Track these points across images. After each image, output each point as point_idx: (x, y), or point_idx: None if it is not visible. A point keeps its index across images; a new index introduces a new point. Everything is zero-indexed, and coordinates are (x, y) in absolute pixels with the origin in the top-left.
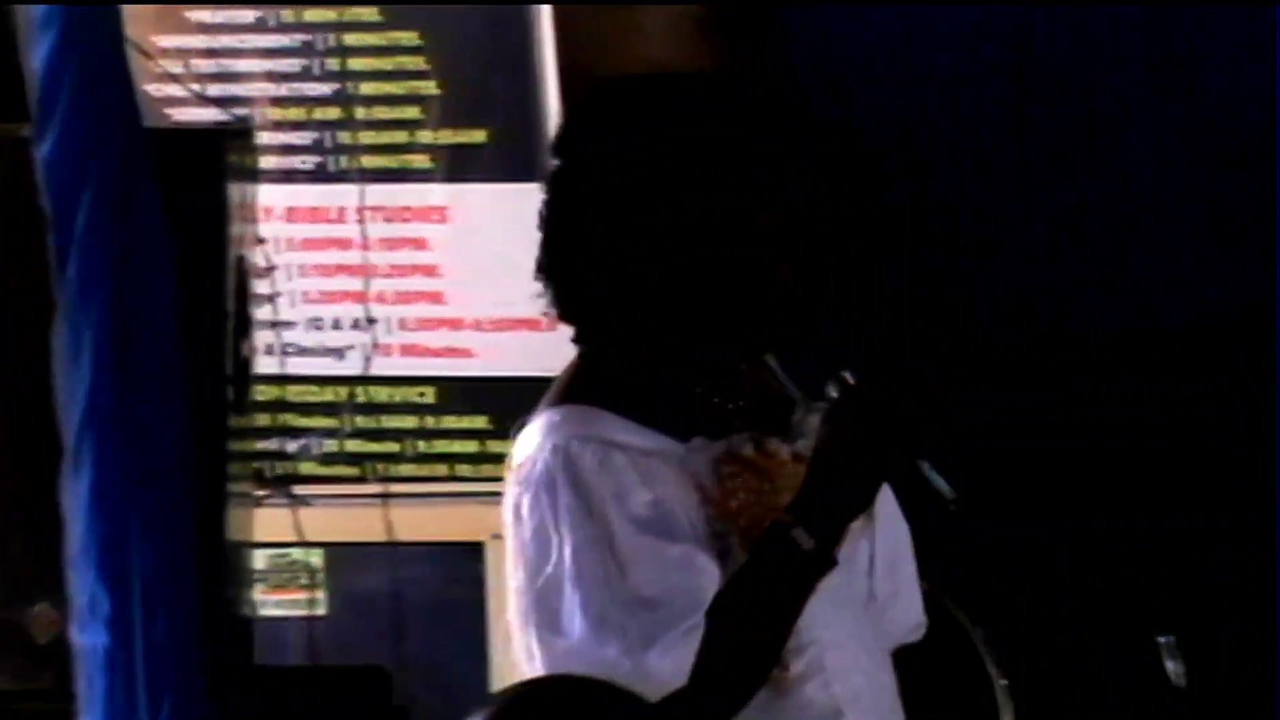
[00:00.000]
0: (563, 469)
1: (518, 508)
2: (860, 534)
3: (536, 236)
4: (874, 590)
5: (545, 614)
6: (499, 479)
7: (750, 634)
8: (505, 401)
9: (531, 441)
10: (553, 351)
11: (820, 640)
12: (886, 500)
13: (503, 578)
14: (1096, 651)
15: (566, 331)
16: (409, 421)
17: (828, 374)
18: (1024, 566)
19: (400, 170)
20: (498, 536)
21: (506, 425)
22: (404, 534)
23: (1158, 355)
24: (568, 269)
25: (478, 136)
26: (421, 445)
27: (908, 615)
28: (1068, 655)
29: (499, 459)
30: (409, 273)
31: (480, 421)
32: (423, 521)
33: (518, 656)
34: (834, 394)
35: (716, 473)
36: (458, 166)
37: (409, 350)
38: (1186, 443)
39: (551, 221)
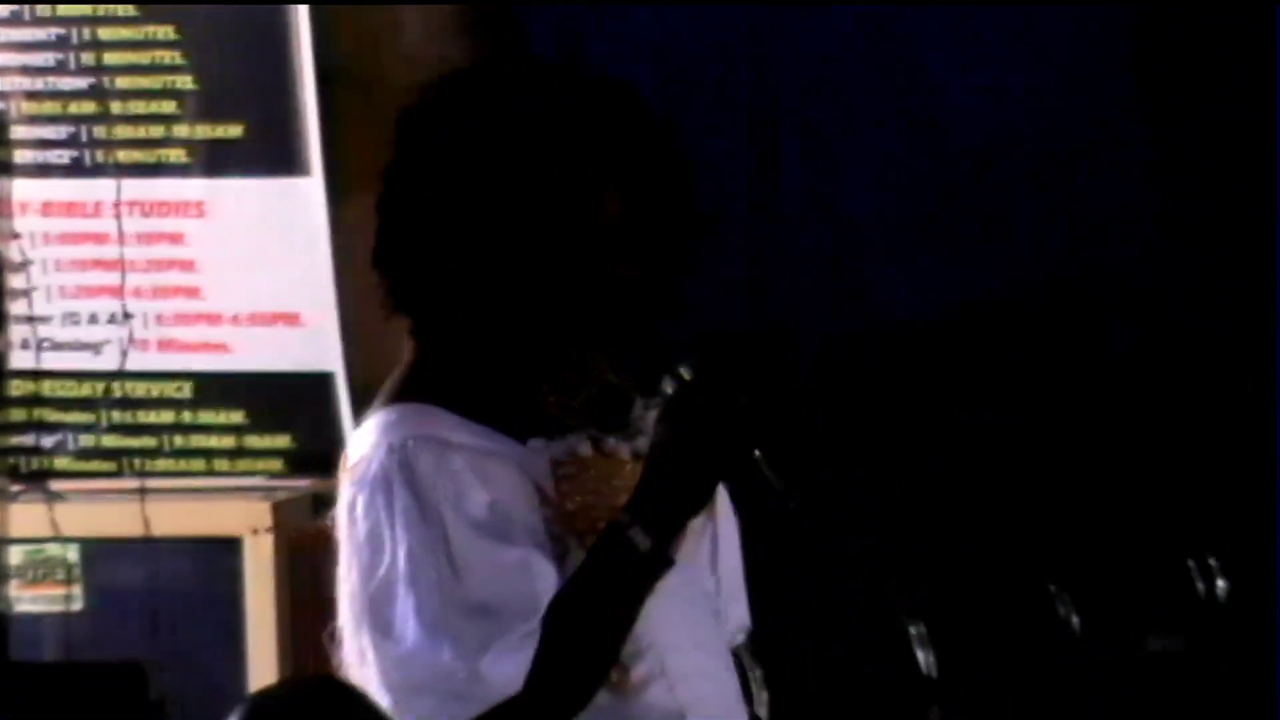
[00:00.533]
0: (398, 469)
1: (352, 508)
2: (701, 533)
3: (293, 230)
4: (717, 589)
5: (378, 618)
6: (256, 474)
7: (587, 637)
8: (263, 396)
9: (367, 440)
10: (310, 345)
11: (661, 644)
12: (720, 498)
13: (259, 572)
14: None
15: (323, 324)
16: (166, 416)
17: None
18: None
19: (157, 165)
20: (256, 532)
21: (264, 420)
22: (161, 529)
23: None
24: (405, 259)
25: (234, 131)
26: (178, 440)
27: (739, 615)
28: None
29: (257, 454)
30: (165, 267)
31: (237, 416)
32: (180, 517)
33: (349, 659)
34: (669, 390)
35: (554, 474)
36: (214, 161)
37: (166, 345)
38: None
39: (389, 211)
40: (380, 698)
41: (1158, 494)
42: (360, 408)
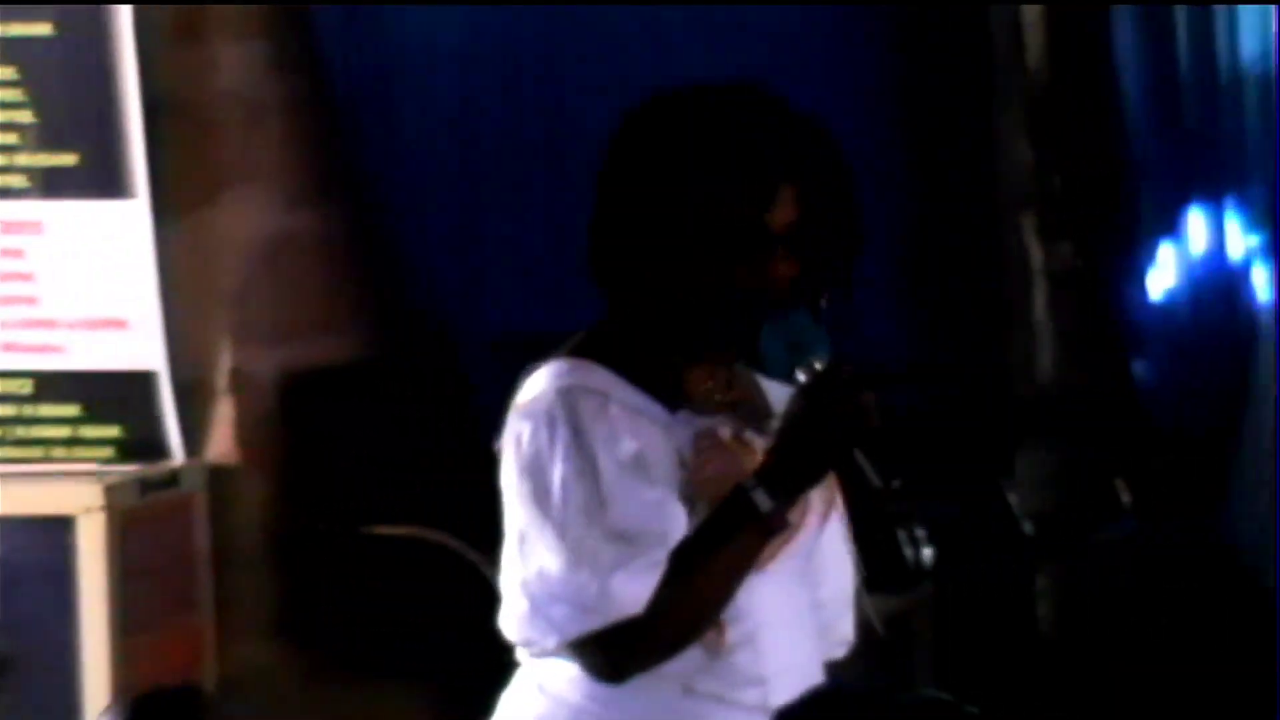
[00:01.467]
0: (563, 409)
1: (519, 437)
2: (813, 538)
3: (121, 246)
4: (822, 598)
5: (530, 533)
6: (90, 460)
7: (704, 577)
8: (95, 392)
9: (539, 384)
10: (136, 347)
11: (757, 616)
12: (835, 538)
13: (92, 547)
14: None
15: (148, 328)
16: (8, 410)
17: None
18: None
19: (1, 189)
20: (89, 510)
21: (96, 412)
22: (4, 509)
23: None
24: (605, 243)
25: (69, 159)
26: (20, 431)
27: (844, 629)
28: None
29: (90, 443)
30: (7, 279)
31: (73, 410)
32: (21, 498)
33: (507, 564)
34: (803, 378)
35: (696, 445)
36: (51, 185)
37: (9, 347)
38: None
39: (601, 204)
40: (518, 603)
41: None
42: (181, 401)
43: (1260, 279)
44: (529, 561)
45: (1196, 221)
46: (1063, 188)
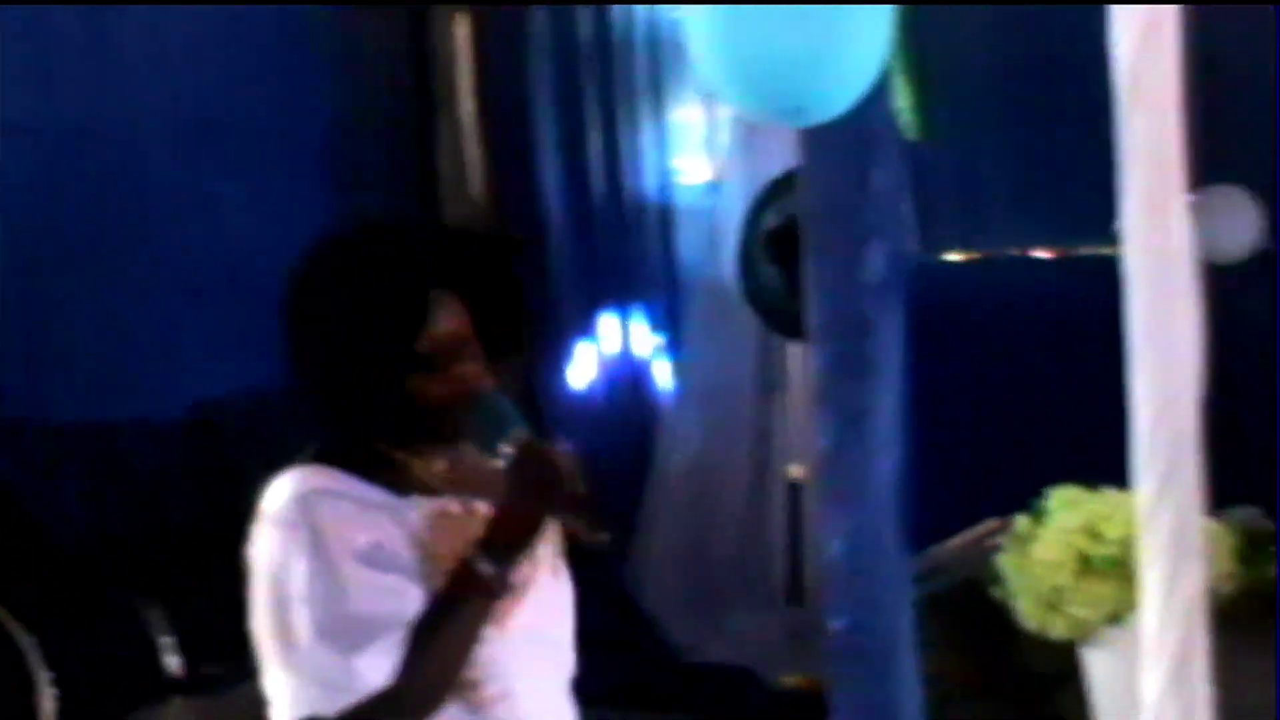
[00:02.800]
0: (301, 513)
1: (264, 542)
2: (548, 587)
3: None
4: (557, 638)
5: (281, 627)
6: None
7: (440, 645)
8: None
9: (281, 491)
10: None
11: (509, 670)
12: (564, 586)
13: None
14: None
15: None
16: None
17: None
18: None
19: None
20: None
21: None
22: None
23: None
24: (301, 374)
25: None
26: None
27: (571, 660)
28: None
29: None
30: None
31: None
32: None
33: (262, 658)
34: (510, 450)
35: (429, 524)
36: None
37: None
38: None
39: (291, 343)
40: (282, 692)
41: None
42: None
43: (661, 372)
44: (284, 652)
45: (609, 325)
46: None
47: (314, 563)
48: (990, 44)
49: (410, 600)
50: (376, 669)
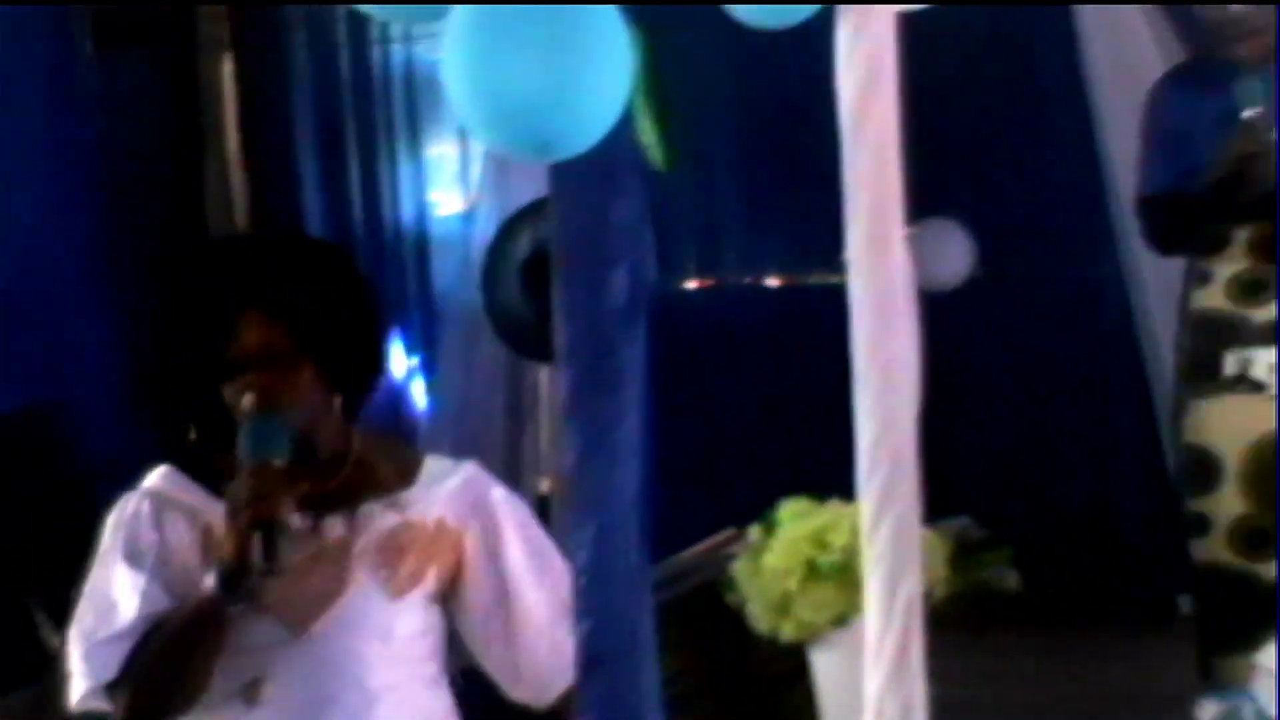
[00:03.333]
0: (121, 507)
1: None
2: (363, 606)
3: None
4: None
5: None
6: None
7: (174, 647)
8: None
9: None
10: None
11: (301, 674)
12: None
13: None
14: None
15: None
16: None
17: None
18: None
19: None
20: None
21: None
22: None
23: None
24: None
25: None
26: None
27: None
28: None
29: None
30: None
31: None
32: None
33: None
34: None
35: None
36: None
37: None
38: None
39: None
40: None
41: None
42: None
43: (417, 391)
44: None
45: None
46: None
47: (102, 555)
48: (727, 83)
49: (153, 603)
50: (99, 658)
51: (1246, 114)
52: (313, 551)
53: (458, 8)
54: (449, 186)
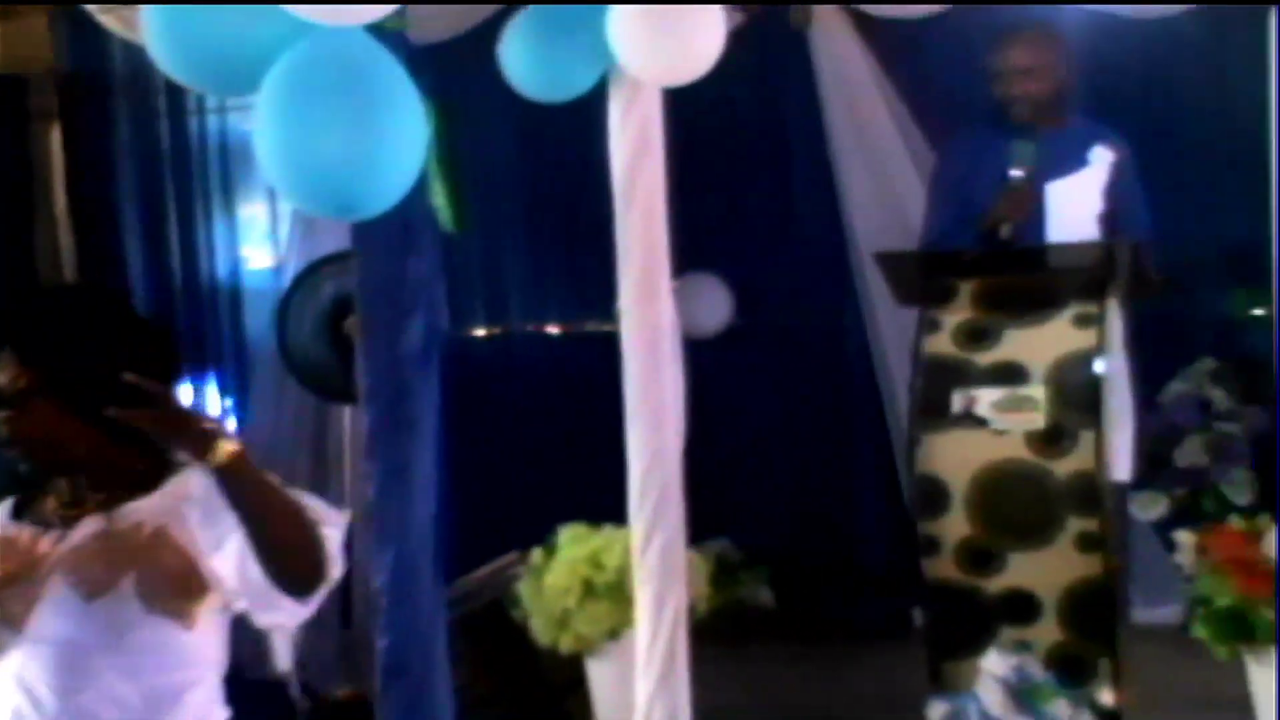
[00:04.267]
0: None
1: None
2: (62, 608)
3: None
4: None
5: None
6: None
7: None
8: None
9: None
10: None
11: (16, 669)
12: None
13: None
14: None
15: None
16: None
17: None
18: None
19: None
20: None
21: None
22: None
23: None
24: None
25: None
26: None
27: None
28: None
29: None
30: None
31: None
32: None
33: None
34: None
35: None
36: None
37: None
38: None
39: None
40: None
41: None
42: None
43: (231, 429)
44: None
45: (184, 391)
46: None
47: None
48: (512, 150)
49: None
50: None
51: (1014, 173)
52: (27, 560)
53: (267, 81)
54: (260, 243)
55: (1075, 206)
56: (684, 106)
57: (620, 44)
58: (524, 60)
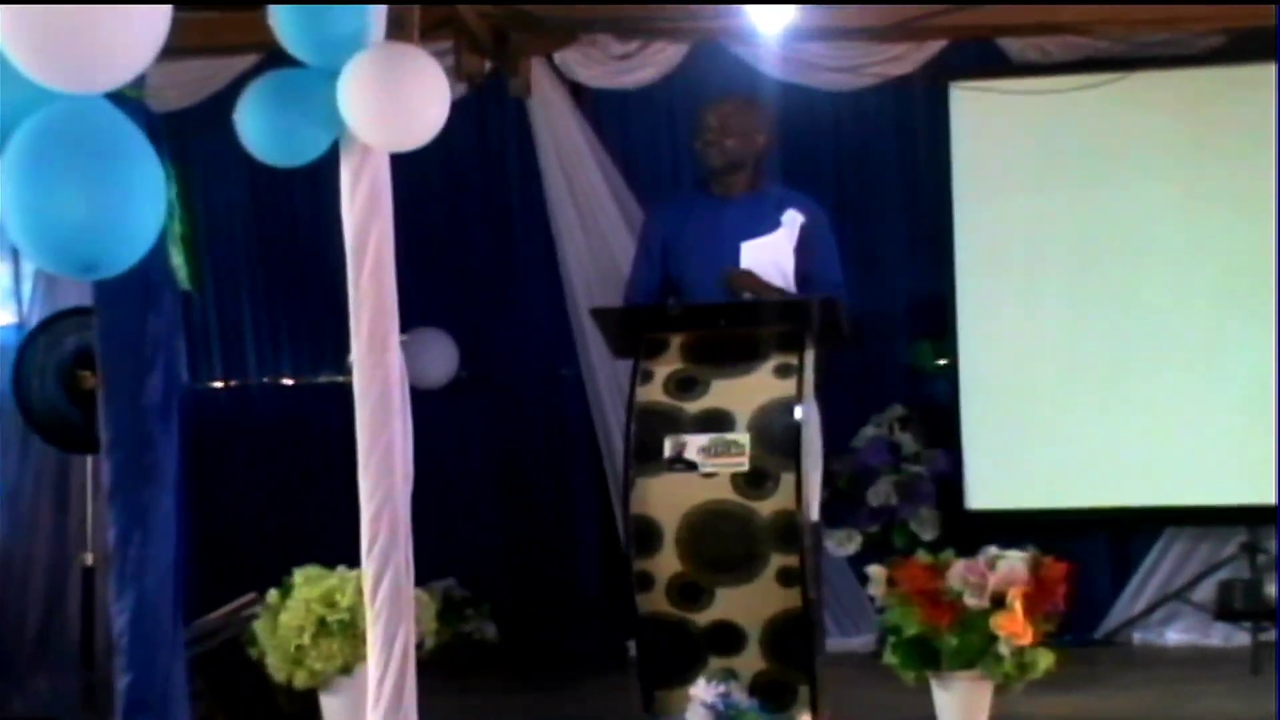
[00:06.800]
0: None
1: None
2: None
3: None
4: None
5: None
6: None
7: None
8: None
9: None
10: None
11: None
12: None
13: None
14: None
15: None
16: None
17: None
18: None
19: None
20: None
21: None
22: None
23: None
24: None
25: None
26: None
27: None
28: None
29: None
30: None
31: None
32: None
33: None
34: None
35: None
36: None
37: None
38: None
39: None
40: None
41: None
42: None
43: None
44: None
45: None
46: None
47: None
48: (249, 211)
49: None
50: None
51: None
52: None
53: (11, 145)
54: (3, 301)
55: (767, 264)
56: (412, 170)
57: (350, 112)
58: (259, 126)
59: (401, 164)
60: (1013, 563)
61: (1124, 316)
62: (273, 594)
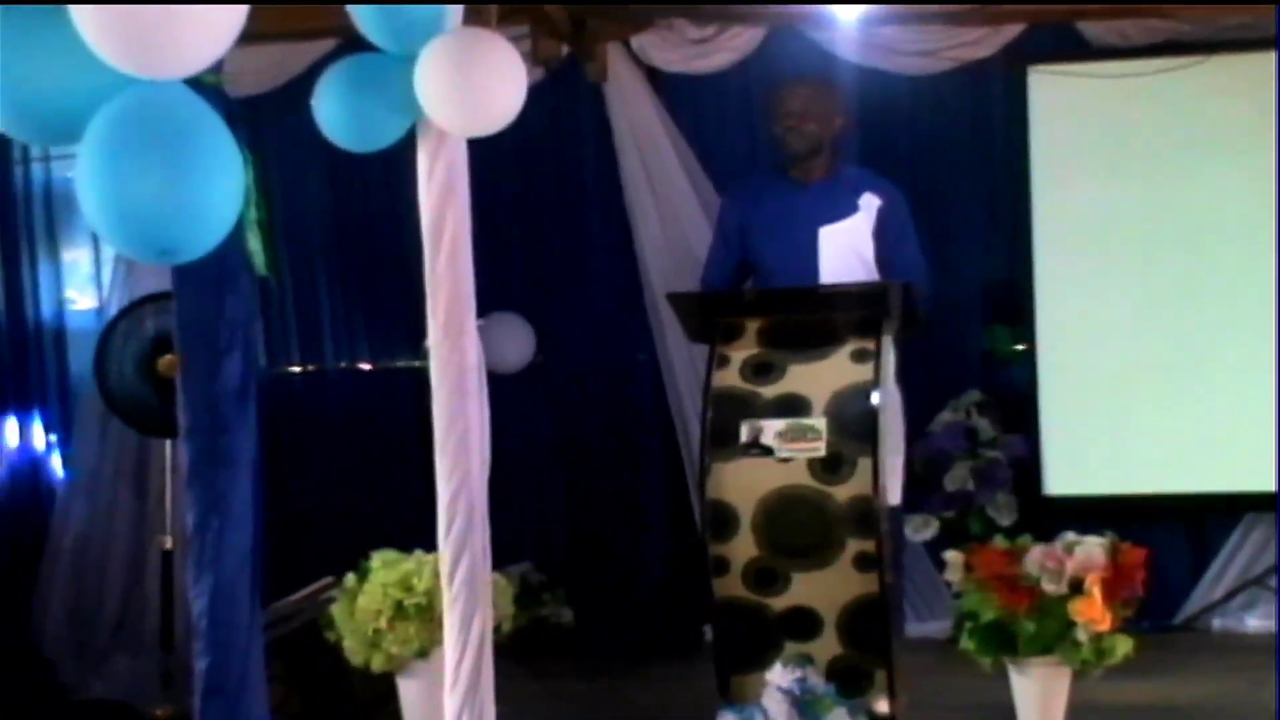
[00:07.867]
0: None
1: None
2: None
3: None
4: None
5: None
6: None
7: None
8: None
9: None
10: None
11: None
12: None
13: None
14: None
15: None
16: None
17: None
18: None
19: None
20: None
21: None
22: None
23: None
24: None
25: None
26: None
27: None
28: None
29: None
30: None
31: None
32: None
33: None
34: None
35: None
36: None
37: None
38: None
39: None
40: None
41: None
42: None
43: (55, 464)
44: None
45: (11, 427)
46: None
47: None
48: (327, 197)
49: None
50: None
51: None
52: None
53: (89, 131)
54: (83, 286)
55: (845, 249)
56: (489, 155)
57: (427, 97)
58: (336, 112)
59: (478, 149)
60: (1090, 548)
61: (1200, 301)
62: (350, 578)
